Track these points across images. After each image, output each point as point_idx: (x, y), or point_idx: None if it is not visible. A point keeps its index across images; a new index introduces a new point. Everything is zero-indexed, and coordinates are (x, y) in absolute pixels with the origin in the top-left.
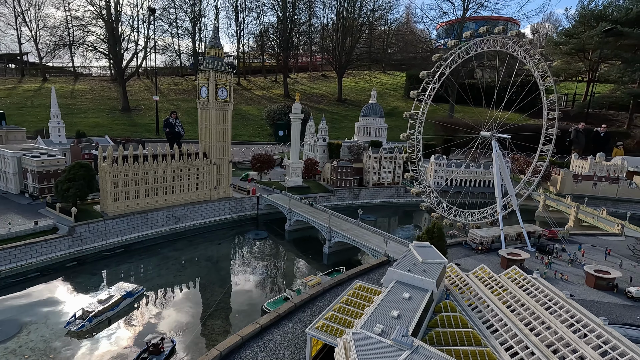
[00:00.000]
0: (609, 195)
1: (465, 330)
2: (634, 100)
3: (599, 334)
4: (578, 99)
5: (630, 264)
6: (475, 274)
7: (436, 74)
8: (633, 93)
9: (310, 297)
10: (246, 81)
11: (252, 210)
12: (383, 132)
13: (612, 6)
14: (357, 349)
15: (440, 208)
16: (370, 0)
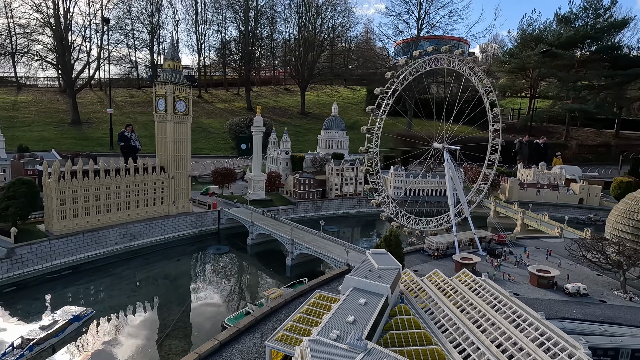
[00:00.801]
0: (551, 201)
1: (417, 331)
2: (570, 115)
3: (536, 327)
4: (522, 113)
5: (568, 263)
6: (429, 278)
7: (389, 91)
8: (568, 108)
9: (272, 310)
10: (208, 94)
11: (213, 224)
12: (345, 145)
13: (547, 30)
14: (312, 355)
15: (399, 217)
16: (331, 17)
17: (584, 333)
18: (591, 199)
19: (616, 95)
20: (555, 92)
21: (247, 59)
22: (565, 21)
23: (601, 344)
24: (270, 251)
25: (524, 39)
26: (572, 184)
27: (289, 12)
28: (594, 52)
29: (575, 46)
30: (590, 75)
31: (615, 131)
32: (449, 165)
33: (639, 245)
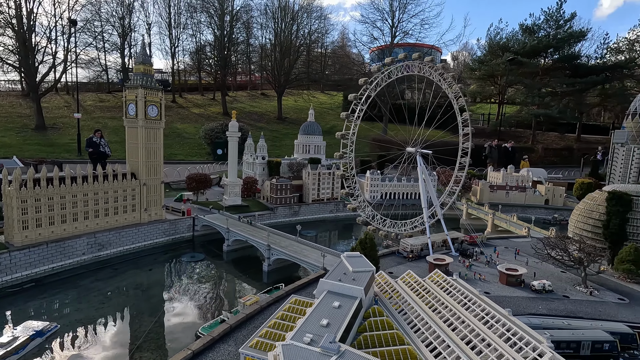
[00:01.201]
0: (519, 202)
1: (390, 332)
2: (535, 120)
3: (503, 323)
4: (492, 118)
5: (534, 261)
6: (402, 279)
7: (363, 97)
8: (534, 113)
9: (247, 317)
10: (182, 99)
11: (188, 232)
12: (322, 150)
13: (513, 39)
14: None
15: (375, 221)
16: (307, 23)
17: (548, 327)
18: (556, 199)
19: (577, 102)
20: (521, 99)
21: (223, 64)
22: (529, 31)
23: (564, 337)
24: (247, 257)
25: (492, 47)
26: (538, 186)
27: (264, 18)
28: (556, 61)
29: (539, 55)
30: (553, 83)
31: (577, 135)
32: (422, 169)
33: (597, 243)
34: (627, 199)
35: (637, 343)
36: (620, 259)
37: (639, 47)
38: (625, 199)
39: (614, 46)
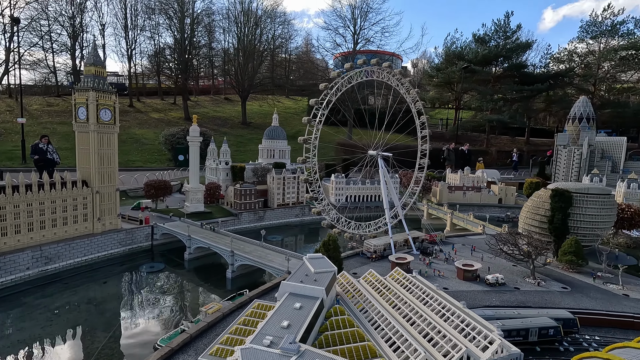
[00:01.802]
0: (475, 202)
1: (351, 330)
2: (489, 124)
3: (458, 315)
4: (450, 123)
5: (489, 256)
6: (364, 278)
7: (324, 102)
8: (487, 118)
9: (209, 325)
10: (140, 103)
11: (146, 241)
12: (286, 154)
13: (467, 48)
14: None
15: (340, 223)
16: (270, 28)
17: (500, 317)
18: (508, 198)
19: (525, 107)
20: (476, 104)
21: (184, 67)
22: (481, 41)
23: (514, 325)
24: (210, 265)
25: (448, 55)
26: (492, 186)
27: (227, 22)
28: (506, 69)
29: (491, 63)
30: (504, 90)
31: (526, 138)
32: (383, 172)
33: (544, 237)
34: (568, 195)
35: (578, 327)
36: (563, 251)
37: (577, 57)
38: (567, 196)
39: (556, 56)
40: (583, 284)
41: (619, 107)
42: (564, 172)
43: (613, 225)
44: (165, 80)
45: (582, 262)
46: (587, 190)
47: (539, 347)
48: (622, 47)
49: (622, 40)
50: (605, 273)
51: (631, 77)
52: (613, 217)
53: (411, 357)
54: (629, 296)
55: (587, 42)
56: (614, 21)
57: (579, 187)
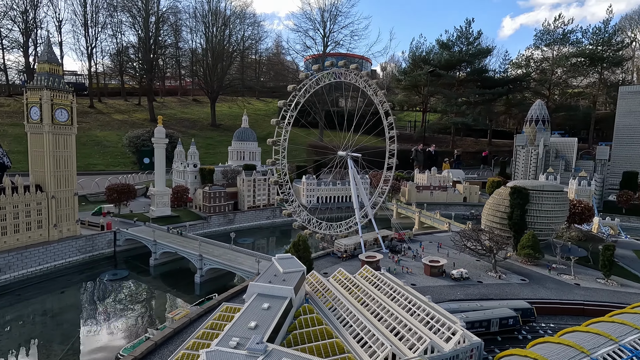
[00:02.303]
0: (441, 201)
1: (319, 328)
2: (454, 126)
3: (423, 308)
4: (418, 125)
5: (454, 252)
6: (334, 277)
7: (292, 103)
8: (452, 121)
9: (175, 332)
10: (102, 104)
11: (108, 247)
12: (257, 156)
13: (432, 53)
14: None
15: (311, 224)
16: (240, 29)
17: (464, 310)
18: (472, 197)
19: (487, 110)
20: (442, 107)
21: (149, 67)
22: (445, 46)
23: (477, 317)
24: (177, 270)
25: (415, 59)
26: (457, 185)
27: (194, 21)
28: (469, 74)
29: (455, 68)
30: (467, 93)
31: (488, 140)
32: (353, 172)
33: (504, 232)
34: (525, 192)
35: (535, 316)
36: (522, 245)
37: (533, 63)
38: (524, 193)
39: (514, 62)
40: (540, 276)
41: (571, 110)
42: (523, 171)
43: (566, 220)
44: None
45: (538, 255)
46: (542, 188)
47: (500, 336)
48: (572, 55)
49: (572, 48)
50: (559, 265)
51: (581, 83)
52: (566, 212)
53: (378, 351)
54: (580, 285)
55: (542, 49)
56: (565, 30)
57: (535, 185)
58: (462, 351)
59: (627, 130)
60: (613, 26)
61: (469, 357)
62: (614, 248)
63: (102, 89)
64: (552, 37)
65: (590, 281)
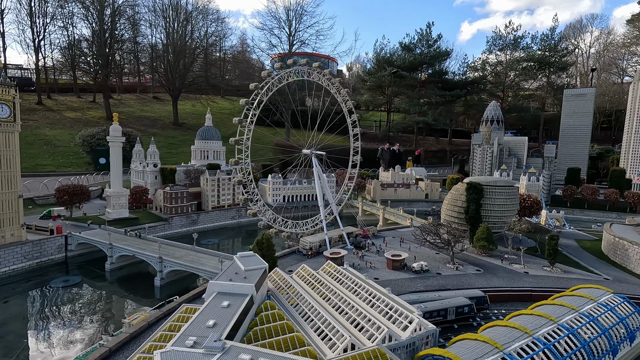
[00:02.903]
0: (405, 198)
1: (280, 323)
2: (417, 126)
3: (383, 300)
4: (383, 125)
5: (415, 246)
6: (297, 274)
7: (255, 102)
8: (415, 120)
9: (131, 337)
10: (52, 101)
11: (59, 253)
12: (221, 155)
13: (395, 55)
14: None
15: (277, 223)
16: (203, 25)
17: (423, 300)
18: (433, 193)
19: (447, 110)
20: (406, 107)
21: (104, 62)
22: (407, 49)
23: (435, 307)
24: (136, 274)
25: (379, 60)
26: (419, 183)
27: (153, 15)
28: (430, 75)
29: (417, 69)
30: (428, 94)
31: (449, 139)
32: (317, 170)
33: (461, 226)
34: (479, 188)
35: (488, 303)
36: (477, 237)
37: (488, 67)
38: (478, 188)
39: (471, 65)
40: (493, 266)
41: (522, 111)
42: (480, 168)
43: (516, 213)
44: (82, 75)
45: (492, 246)
46: (495, 183)
47: (457, 324)
48: (523, 59)
49: (522, 53)
50: (510, 255)
51: (531, 86)
52: (516, 206)
53: (337, 342)
54: (529, 273)
55: (496, 53)
56: (515, 36)
57: (489, 181)
58: (418, 338)
59: (571, 130)
60: (559, 33)
61: (424, 344)
62: (557, 238)
63: (52, 84)
64: (504, 43)
65: (537, 269)
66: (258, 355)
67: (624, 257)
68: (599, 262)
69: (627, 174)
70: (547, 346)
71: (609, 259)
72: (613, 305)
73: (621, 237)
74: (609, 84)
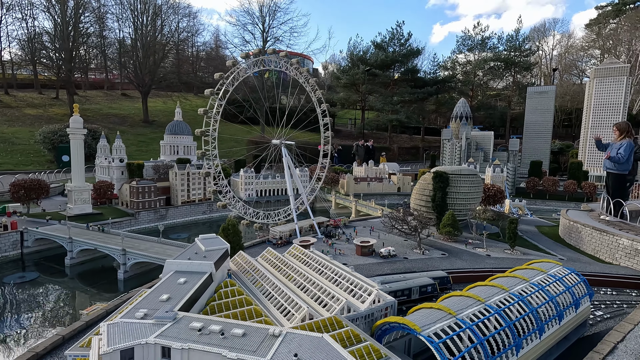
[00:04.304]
0: (378, 191)
1: (239, 298)
2: (391, 124)
3: (347, 277)
4: (358, 123)
5: (384, 234)
6: (262, 257)
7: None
8: (388, 118)
9: (87, 324)
10: (9, 97)
11: (14, 249)
12: (192, 150)
13: (368, 53)
14: (107, 336)
15: (248, 215)
16: (173, 19)
17: (389, 282)
18: (405, 187)
19: (419, 108)
20: (379, 105)
21: (68, 57)
22: (380, 47)
23: (400, 287)
24: (98, 269)
25: (353, 58)
26: (392, 177)
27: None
28: (402, 74)
29: (390, 68)
30: (401, 92)
31: (421, 136)
32: (287, 160)
33: (429, 214)
34: (445, 176)
35: (451, 283)
36: (443, 224)
37: (458, 66)
38: (444, 177)
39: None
40: (458, 250)
41: (490, 109)
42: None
43: (481, 201)
44: (44, 70)
45: (457, 232)
46: (460, 172)
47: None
48: (490, 59)
49: (490, 53)
50: (474, 240)
51: (498, 85)
52: (480, 194)
53: (296, 314)
54: (490, 256)
55: (465, 53)
56: (483, 37)
57: (454, 170)
58: (376, 309)
59: (534, 125)
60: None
61: (383, 315)
62: (517, 222)
63: (10, 79)
64: (473, 43)
65: (499, 252)
66: (210, 323)
67: (577, 239)
68: (556, 245)
69: (584, 166)
70: (497, 312)
71: (564, 242)
72: (561, 276)
73: (575, 221)
74: (570, 84)
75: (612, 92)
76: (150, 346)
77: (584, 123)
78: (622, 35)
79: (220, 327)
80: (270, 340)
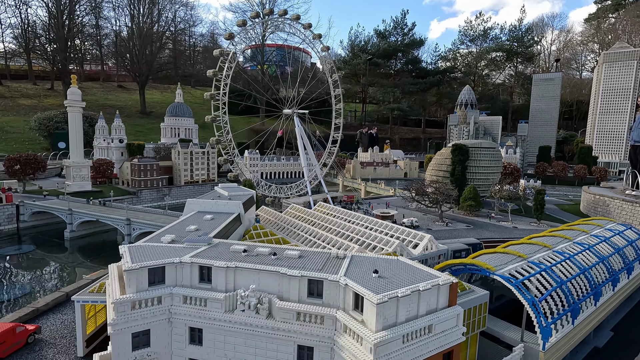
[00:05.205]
0: (384, 176)
1: (275, 237)
2: (392, 115)
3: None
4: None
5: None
6: (287, 212)
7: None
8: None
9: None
10: (4, 87)
11: (9, 223)
12: (194, 133)
13: (370, 42)
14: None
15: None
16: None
17: None
18: (412, 172)
19: (421, 99)
20: (381, 96)
21: (63, 47)
22: (382, 36)
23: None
24: (99, 243)
25: (354, 48)
26: (398, 162)
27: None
28: (404, 64)
29: (391, 57)
30: (402, 83)
31: (422, 128)
32: (300, 130)
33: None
34: (465, 149)
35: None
36: (464, 197)
37: (459, 57)
38: (464, 149)
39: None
40: (482, 223)
41: (491, 100)
42: None
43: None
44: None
45: (479, 206)
46: (480, 145)
47: None
48: (492, 49)
49: (492, 43)
50: (497, 214)
51: (500, 76)
52: (500, 168)
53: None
54: (517, 227)
55: (467, 43)
56: (485, 27)
57: (474, 143)
58: (430, 256)
59: (540, 113)
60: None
61: (436, 262)
62: (544, 192)
63: (4, 70)
64: (475, 33)
65: (525, 225)
66: (254, 247)
67: (604, 212)
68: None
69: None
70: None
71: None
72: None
73: (602, 194)
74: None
75: (622, 77)
76: (186, 266)
77: (591, 109)
78: (622, 29)
79: (270, 249)
80: (335, 261)
